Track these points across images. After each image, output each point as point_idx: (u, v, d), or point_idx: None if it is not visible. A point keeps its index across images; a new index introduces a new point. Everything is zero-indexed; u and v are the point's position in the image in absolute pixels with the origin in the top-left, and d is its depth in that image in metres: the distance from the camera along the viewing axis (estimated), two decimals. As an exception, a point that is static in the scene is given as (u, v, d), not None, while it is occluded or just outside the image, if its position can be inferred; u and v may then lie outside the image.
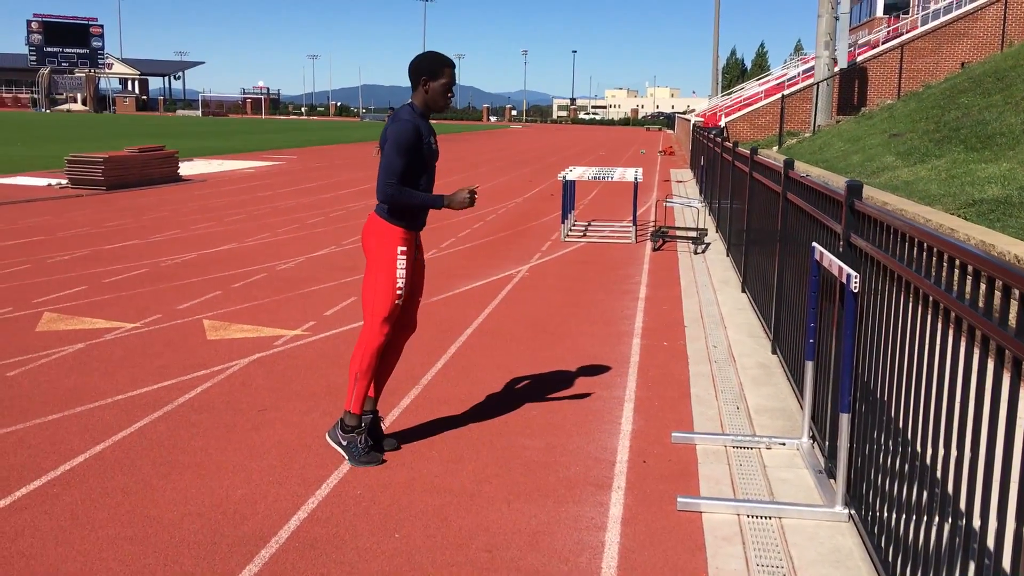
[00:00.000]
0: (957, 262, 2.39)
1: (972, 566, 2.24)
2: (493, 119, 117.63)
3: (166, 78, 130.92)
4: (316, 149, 33.93)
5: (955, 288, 2.41)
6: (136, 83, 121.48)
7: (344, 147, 35.79)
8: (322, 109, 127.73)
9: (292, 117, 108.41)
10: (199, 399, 4.87)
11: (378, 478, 3.88)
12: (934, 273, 2.57)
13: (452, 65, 4.04)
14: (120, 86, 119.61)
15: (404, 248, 4.01)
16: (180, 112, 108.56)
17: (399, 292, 4.01)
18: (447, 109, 4.19)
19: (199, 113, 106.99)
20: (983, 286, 2.22)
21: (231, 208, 13.99)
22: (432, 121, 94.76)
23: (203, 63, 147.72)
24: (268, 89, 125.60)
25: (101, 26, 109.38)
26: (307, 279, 8.32)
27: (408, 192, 3.91)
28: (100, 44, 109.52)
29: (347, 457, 4.04)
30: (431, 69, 3.99)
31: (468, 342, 6.19)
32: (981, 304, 2.22)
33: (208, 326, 6.46)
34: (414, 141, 3.91)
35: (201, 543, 3.26)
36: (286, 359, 5.67)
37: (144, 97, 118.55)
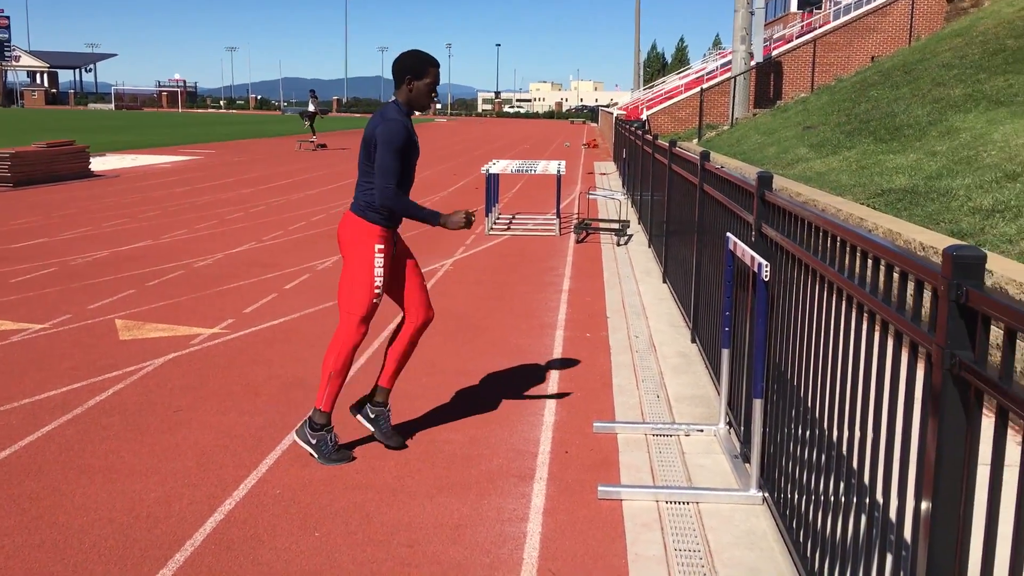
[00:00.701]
0: (859, 250, 2.47)
1: (878, 544, 2.31)
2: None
3: (77, 71, 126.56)
4: (236, 143, 33.22)
5: (856, 275, 2.49)
6: (45, 76, 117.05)
7: (265, 141, 35.13)
8: (241, 102, 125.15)
9: (210, 111, 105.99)
10: (111, 401, 4.73)
11: (298, 477, 3.83)
12: (838, 261, 2.65)
13: (438, 65, 4.03)
14: (28, 79, 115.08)
15: (382, 246, 3.95)
16: (92, 106, 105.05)
17: (377, 291, 3.96)
18: (429, 108, 4.18)
19: (112, 107, 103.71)
20: (883, 272, 2.29)
21: (146, 204, 13.61)
22: (357, 115, 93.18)
23: (116, 55, 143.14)
24: (184, 82, 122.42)
25: (7, 17, 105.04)
26: (226, 276, 8.15)
27: (406, 200, 3.86)
28: (6, 36, 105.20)
29: (316, 456, 3.98)
30: (417, 68, 3.96)
31: (391, 337, 6.14)
32: (881, 290, 2.29)
33: (121, 326, 6.28)
34: (406, 141, 3.88)
35: (112, 548, 3.17)
36: (203, 358, 5.54)
37: (54, 91, 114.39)
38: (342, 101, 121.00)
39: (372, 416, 4.16)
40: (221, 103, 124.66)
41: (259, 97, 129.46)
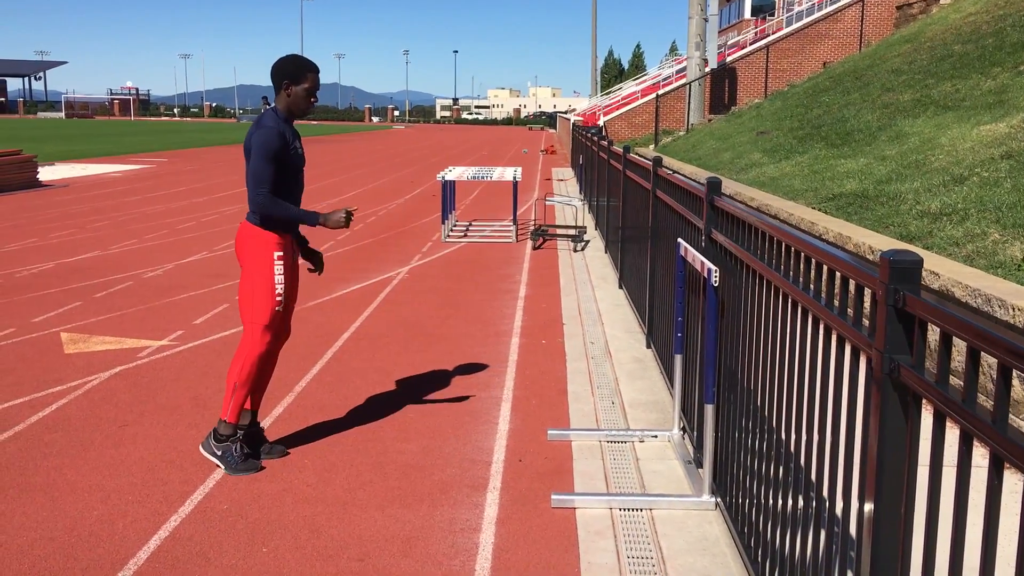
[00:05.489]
0: (803, 255, 2.48)
1: (824, 546, 2.32)
2: (375, 120, 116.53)
3: (26, 79, 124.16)
4: (189, 151, 32.78)
5: (801, 280, 2.50)
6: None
7: (219, 149, 34.71)
8: (196, 110, 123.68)
9: (164, 119, 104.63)
10: (54, 416, 4.61)
11: (247, 491, 3.75)
12: (783, 266, 2.66)
13: (316, 70, 3.97)
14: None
15: (281, 254, 3.91)
16: (42, 114, 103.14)
17: (279, 299, 3.92)
18: (309, 113, 4.12)
19: (62, 115, 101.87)
20: (825, 277, 2.30)
21: (95, 214, 13.35)
22: (314, 123, 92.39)
23: (66, 63, 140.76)
24: (137, 90, 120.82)
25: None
26: (176, 287, 8.01)
27: (281, 204, 3.82)
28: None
29: (223, 467, 3.93)
30: (294, 73, 3.91)
31: (345, 347, 6.08)
32: (824, 294, 2.30)
33: (66, 339, 6.13)
34: (279, 147, 3.83)
35: (52, 569, 3.07)
36: (150, 371, 5.43)
37: (2, 99, 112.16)
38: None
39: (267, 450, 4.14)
40: (175, 111, 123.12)
41: (214, 104, 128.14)
